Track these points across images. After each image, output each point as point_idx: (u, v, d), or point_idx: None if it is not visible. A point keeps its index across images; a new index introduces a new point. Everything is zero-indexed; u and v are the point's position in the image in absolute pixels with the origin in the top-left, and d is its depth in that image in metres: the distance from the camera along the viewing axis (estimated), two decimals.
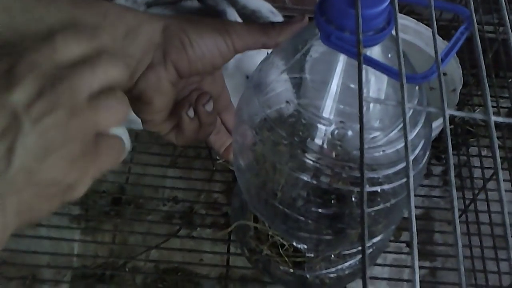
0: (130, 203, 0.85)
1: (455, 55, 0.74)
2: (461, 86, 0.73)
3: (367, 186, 0.46)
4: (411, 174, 0.23)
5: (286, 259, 0.60)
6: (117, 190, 0.86)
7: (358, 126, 0.24)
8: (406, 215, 0.56)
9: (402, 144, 0.45)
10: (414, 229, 0.22)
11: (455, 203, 0.23)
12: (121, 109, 0.29)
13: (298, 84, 0.47)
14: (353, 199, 0.48)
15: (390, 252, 0.79)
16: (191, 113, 0.42)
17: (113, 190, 0.86)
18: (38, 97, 0.25)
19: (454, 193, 0.24)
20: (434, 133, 0.71)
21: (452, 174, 0.24)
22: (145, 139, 0.85)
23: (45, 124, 0.25)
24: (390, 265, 0.78)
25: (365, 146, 0.43)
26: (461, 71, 0.74)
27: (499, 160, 0.25)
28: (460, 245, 0.22)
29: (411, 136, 0.43)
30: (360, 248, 0.55)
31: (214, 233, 0.81)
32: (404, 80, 0.26)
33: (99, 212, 0.86)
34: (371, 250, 0.59)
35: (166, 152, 0.86)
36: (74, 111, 0.26)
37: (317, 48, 0.45)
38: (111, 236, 0.80)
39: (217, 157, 0.83)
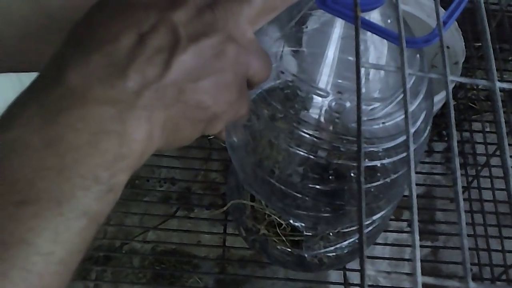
0: (126, 184, 0.83)
1: (458, 26, 0.72)
2: (463, 59, 0.70)
3: (366, 160, 0.44)
4: (411, 138, 0.21)
5: (284, 239, 0.58)
6: None
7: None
8: (407, 192, 0.54)
9: (402, 116, 0.43)
10: (414, 195, 0.21)
11: (458, 173, 0.22)
12: (268, 66, 0.29)
13: (294, 57, 0.45)
14: (352, 174, 0.46)
15: (391, 231, 0.77)
16: None
17: None
18: (197, 18, 0.25)
19: (457, 162, 0.22)
20: (436, 108, 0.69)
21: (455, 139, 0.22)
22: None
23: (202, 44, 0.25)
24: (392, 245, 0.77)
25: (364, 118, 0.41)
26: (463, 44, 0.71)
27: (504, 126, 0.23)
28: (463, 214, 0.21)
29: (412, 107, 0.42)
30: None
31: (212, 214, 0.79)
32: (404, 44, 0.24)
33: None
34: (370, 228, 0.57)
35: None
36: (230, 38, 0.26)
37: (314, 20, 0.43)
38: (106, 217, 0.78)
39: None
